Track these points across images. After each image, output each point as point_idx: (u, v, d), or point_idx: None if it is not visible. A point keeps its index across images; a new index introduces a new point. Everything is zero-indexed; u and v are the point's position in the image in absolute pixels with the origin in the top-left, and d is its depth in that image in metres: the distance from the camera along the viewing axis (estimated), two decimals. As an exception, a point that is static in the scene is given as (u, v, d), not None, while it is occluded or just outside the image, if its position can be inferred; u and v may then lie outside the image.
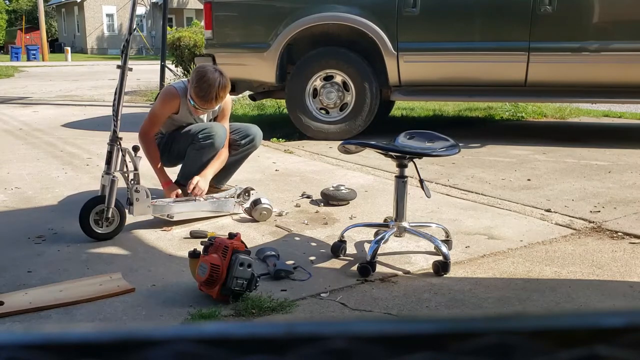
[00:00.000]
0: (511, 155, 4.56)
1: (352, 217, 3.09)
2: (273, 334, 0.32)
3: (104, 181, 2.76)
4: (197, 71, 3.06)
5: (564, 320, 0.34)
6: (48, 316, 2.01)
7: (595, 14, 4.76)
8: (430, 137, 2.64)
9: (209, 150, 3.18)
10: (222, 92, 3.03)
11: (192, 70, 3.16)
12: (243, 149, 3.37)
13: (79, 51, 34.89)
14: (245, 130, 3.37)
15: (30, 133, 5.88)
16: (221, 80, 2.99)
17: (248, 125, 3.42)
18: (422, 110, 7.22)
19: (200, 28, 9.62)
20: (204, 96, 3.00)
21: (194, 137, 3.19)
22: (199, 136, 3.17)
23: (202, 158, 3.20)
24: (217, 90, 2.98)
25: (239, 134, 3.36)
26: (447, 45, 4.97)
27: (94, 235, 2.73)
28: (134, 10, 2.86)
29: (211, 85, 2.97)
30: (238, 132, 3.36)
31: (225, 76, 3.04)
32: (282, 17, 5.20)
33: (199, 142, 3.17)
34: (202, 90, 2.99)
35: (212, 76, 2.97)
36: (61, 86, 11.68)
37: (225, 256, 2.08)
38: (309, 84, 5.29)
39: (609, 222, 2.95)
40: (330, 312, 2.05)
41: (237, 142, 3.35)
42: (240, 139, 3.35)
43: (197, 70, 3.07)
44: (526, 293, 2.18)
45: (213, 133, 3.17)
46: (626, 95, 4.87)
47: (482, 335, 0.32)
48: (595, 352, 0.32)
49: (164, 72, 8.55)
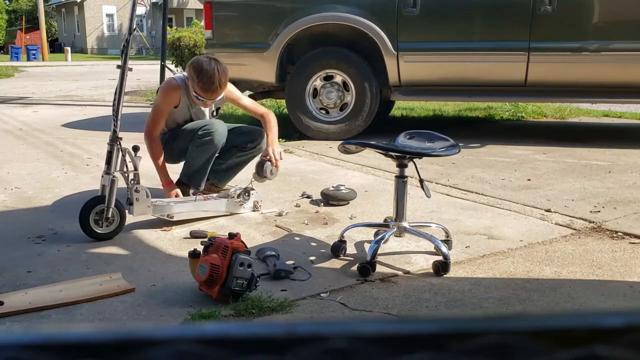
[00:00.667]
0: (511, 155, 4.56)
1: (352, 217, 3.09)
2: (273, 334, 0.32)
3: (104, 181, 2.76)
4: (193, 66, 3.06)
5: (564, 320, 0.34)
6: (48, 316, 2.01)
7: (595, 14, 4.76)
8: (430, 137, 2.64)
9: (209, 146, 3.18)
10: (223, 78, 3.07)
11: (187, 66, 3.15)
12: (250, 151, 3.39)
13: (79, 51, 34.89)
14: (253, 134, 3.38)
15: (30, 133, 5.88)
16: (219, 67, 3.04)
17: (256, 128, 3.41)
18: (422, 110, 7.21)
19: (200, 28, 9.62)
20: (208, 88, 3.04)
21: (194, 134, 3.19)
22: (199, 133, 3.17)
23: (203, 155, 3.20)
24: (219, 78, 3.03)
25: (247, 136, 3.37)
26: (447, 45, 4.97)
27: (94, 235, 2.73)
28: (134, 10, 2.86)
29: (212, 75, 3.01)
30: (246, 135, 3.37)
31: (220, 62, 3.09)
32: (282, 17, 5.20)
33: (199, 138, 3.17)
34: (205, 83, 3.02)
35: (209, 67, 3.01)
36: (61, 86, 11.68)
37: (225, 256, 2.08)
38: (309, 84, 5.29)
39: (609, 222, 2.95)
40: (330, 312, 2.05)
41: (245, 145, 3.36)
42: (248, 141, 3.36)
43: (193, 65, 3.07)
44: (526, 293, 2.18)
45: (213, 130, 3.17)
46: (626, 95, 4.87)
47: (482, 335, 0.32)
48: (595, 352, 0.32)
49: (164, 72, 8.54)
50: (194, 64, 3.07)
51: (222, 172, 3.44)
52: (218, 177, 3.44)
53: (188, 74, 3.12)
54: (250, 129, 3.40)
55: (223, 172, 3.44)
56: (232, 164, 3.41)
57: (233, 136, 3.33)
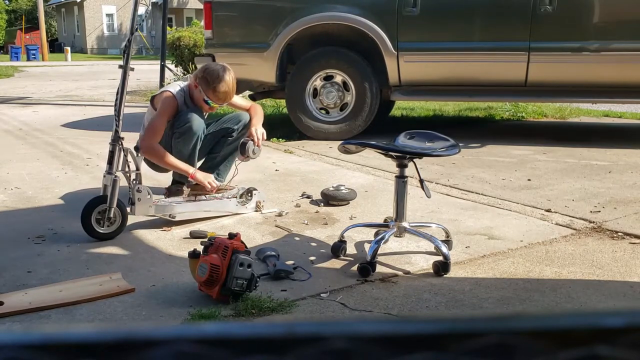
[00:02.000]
0: (511, 155, 4.56)
1: (352, 217, 3.09)
2: (273, 334, 0.32)
3: (106, 181, 2.76)
4: (208, 72, 3.12)
5: (564, 320, 0.34)
6: (48, 316, 2.01)
7: (595, 13, 4.76)
8: (430, 137, 2.64)
9: (189, 135, 3.16)
10: (235, 85, 3.21)
11: (200, 71, 3.19)
12: (238, 134, 3.38)
13: (78, 51, 34.90)
14: (237, 117, 3.42)
15: (30, 133, 5.88)
16: (232, 75, 3.18)
17: (237, 112, 3.47)
18: (422, 110, 7.21)
19: (200, 28, 9.62)
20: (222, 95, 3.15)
21: (172, 128, 3.20)
22: (176, 125, 3.18)
23: (186, 144, 3.18)
24: (233, 87, 3.18)
25: (231, 121, 3.40)
26: (447, 45, 4.97)
27: (96, 235, 2.73)
28: (135, 11, 2.85)
29: (227, 83, 3.13)
30: (230, 121, 3.41)
31: (230, 69, 3.21)
32: (282, 17, 5.20)
33: (178, 129, 3.18)
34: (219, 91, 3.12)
35: (225, 74, 3.12)
36: (61, 86, 11.68)
37: (225, 256, 2.08)
38: (309, 84, 5.29)
39: (609, 222, 2.95)
40: (330, 312, 2.05)
41: (231, 129, 3.38)
42: (233, 124, 3.39)
43: (208, 71, 3.13)
44: (526, 293, 2.18)
45: (188, 119, 3.16)
46: (626, 95, 4.87)
47: (483, 336, 0.32)
48: (595, 352, 0.32)
49: (163, 72, 8.56)
50: (210, 71, 3.13)
51: (219, 164, 3.46)
52: (217, 171, 3.45)
53: (201, 79, 3.13)
54: (231, 116, 3.45)
55: (220, 164, 3.46)
56: (226, 154, 3.43)
57: (218, 128, 3.39)
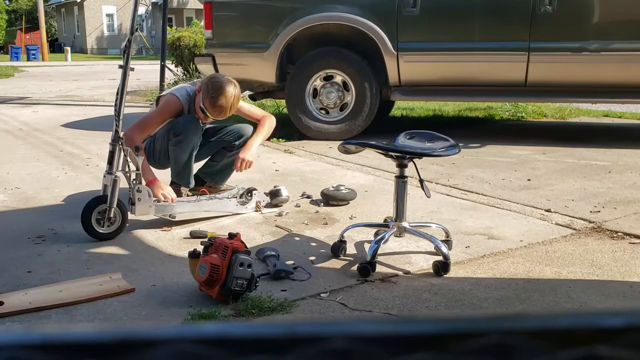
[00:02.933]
0: (511, 155, 4.56)
1: (352, 217, 3.09)
2: (273, 334, 0.32)
3: (106, 181, 2.76)
4: (211, 82, 3.08)
5: (564, 320, 0.34)
6: (48, 316, 2.01)
7: (595, 13, 4.75)
8: (430, 137, 2.64)
9: (184, 144, 3.16)
10: (236, 103, 3.13)
11: (206, 79, 3.16)
12: (237, 150, 3.34)
13: (78, 51, 34.89)
14: (239, 131, 3.38)
15: (30, 133, 5.88)
16: (235, 93, 3.09)
17: (240, 125, 3.42)
18: (422, 110, 7.21)
19: (200, 28, 9.62)
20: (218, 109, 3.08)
21: (169, 134, 3.19)
22: (172, 132, 3.18)
23: (182, 153, 3.19)
24: (232, 103, 3.09)
25: (233, 134, 3.37)
26: (447, 45, 4.97)
27: (96, 235, 2.73)
28: (135, 11, 2.85)
29: (228, 98, 3.06)
30: (231, 133, 3.37)
31: (238, 86, 3.13)
32: (282, 17, 5.20)
33: (173, 137, 3.17)
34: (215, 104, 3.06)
35: (227, 88, 3.05)
36: (61, 86, 11.68)
37: (225, 256, 2.08)
38: (309, 84, 5.28)
39: (609, 222, 2.95)
40: (330, 312, 2.05)
41: (232, 143, 3.36)
42: (234, 139, 3.36)
43: (212, 81, 3.09)
44: (526, 293, 2.18)
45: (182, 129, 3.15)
46: (626, 95, 4.87)
47: (482, 335, 0.32)
48: (595, 352, 0.32)
49: (164, 72, 8.54)
50: (214, 80, 3.10)
51: (217, 173, 3.46)
52: (214, 178, 3.46)
53: (204, 85, 3.12)
54: (236, 129, 3.40)
55: (218, 173, 3.46)
56: (225, 164, 3.42)
57: (221, 138, 3.36)
